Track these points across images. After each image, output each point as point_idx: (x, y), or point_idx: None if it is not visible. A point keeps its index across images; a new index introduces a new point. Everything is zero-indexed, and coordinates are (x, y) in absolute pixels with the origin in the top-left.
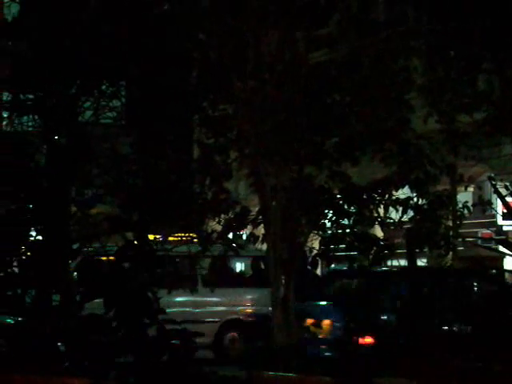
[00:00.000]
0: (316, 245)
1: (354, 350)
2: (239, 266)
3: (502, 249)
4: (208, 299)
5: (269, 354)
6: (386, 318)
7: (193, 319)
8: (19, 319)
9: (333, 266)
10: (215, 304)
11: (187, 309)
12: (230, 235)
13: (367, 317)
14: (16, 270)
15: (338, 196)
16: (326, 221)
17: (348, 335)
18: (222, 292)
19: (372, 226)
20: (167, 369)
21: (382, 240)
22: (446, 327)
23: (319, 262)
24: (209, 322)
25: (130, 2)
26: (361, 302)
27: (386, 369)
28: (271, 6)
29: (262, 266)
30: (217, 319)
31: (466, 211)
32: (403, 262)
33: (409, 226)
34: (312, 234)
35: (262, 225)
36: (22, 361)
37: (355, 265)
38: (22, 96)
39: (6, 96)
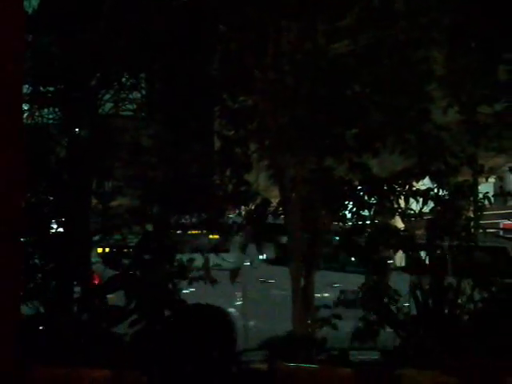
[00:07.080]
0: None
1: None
2: None
3: None
4: None
5: (289, 346)
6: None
7: None
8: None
9: None
10: None
11: None
12: None
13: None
14: (37, 262)
15: (359, 187)
16: (347, 212)
17: (368, 327)
18: None
19: (392, 217)
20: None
21: (402, 231)
22: None
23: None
24: None
25: None
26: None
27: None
28: None
29: None
30: None
31: (486, 202)
32: (423, 253)
33: (429, 217)
34: (332, 225)
35: (283, 216)
36: (43, 353)
37: None
38: (42, 88)
39: (26, 88)
